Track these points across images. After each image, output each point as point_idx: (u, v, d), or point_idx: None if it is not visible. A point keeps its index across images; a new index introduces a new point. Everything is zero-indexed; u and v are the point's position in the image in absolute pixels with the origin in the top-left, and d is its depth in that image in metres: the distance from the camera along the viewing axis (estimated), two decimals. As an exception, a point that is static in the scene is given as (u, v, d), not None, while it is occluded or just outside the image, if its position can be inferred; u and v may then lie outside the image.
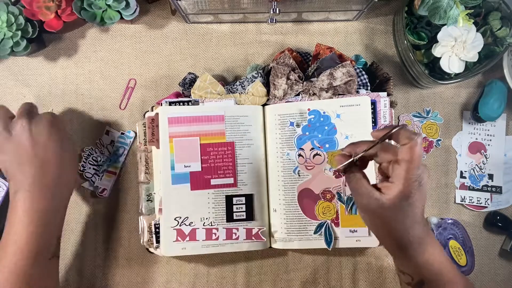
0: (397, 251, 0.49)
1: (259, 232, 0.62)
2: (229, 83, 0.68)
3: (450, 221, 0.67)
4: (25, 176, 0.54)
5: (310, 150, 0.63)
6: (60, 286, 0.67)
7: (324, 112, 0.63)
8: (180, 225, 0.61)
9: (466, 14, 0.60)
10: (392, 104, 0.64)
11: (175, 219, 0.61)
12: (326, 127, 0.63)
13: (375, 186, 0.47)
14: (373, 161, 0.50)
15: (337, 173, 0.49)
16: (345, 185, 0.62)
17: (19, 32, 0.63)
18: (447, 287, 0.48)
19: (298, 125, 0.63)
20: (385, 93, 0.63)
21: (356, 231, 0.62)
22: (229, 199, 0.63)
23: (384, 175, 0.49)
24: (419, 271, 0.48)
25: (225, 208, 0.62)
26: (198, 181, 0.62)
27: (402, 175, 0.45)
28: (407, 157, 0.44)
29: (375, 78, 0.65)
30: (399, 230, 0.47)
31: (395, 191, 0.45)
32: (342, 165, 0.48)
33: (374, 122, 0.62)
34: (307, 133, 0.63)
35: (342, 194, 0.62)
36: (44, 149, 0.56)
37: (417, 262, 0.48)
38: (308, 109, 0.63)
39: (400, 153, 0.45)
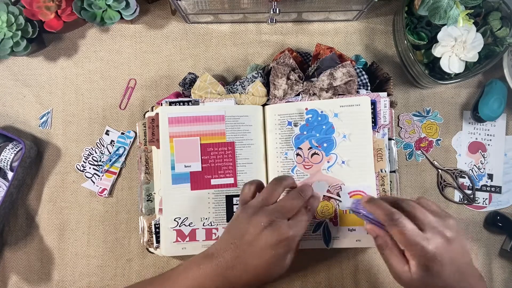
0: None
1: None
2: (229, 83, 0.68)
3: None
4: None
5: (308, 150, 0.63)
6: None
7: (322, 112, 0.63)
8: (179, 226, 0.61)
9: (466, 14, 0.60)
10: (392, 104, 0.64)
11: (174, 220, 0.61)
12: (324, 126, 0.63)
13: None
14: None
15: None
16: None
17: (19, 32, 0.63)
18: None
19: (295, 125, 0.63)
20: (385, 93, 0.63)
21: (355, 229, 0.62)
22: (229, 199, 0.63)
23: None
24: None
25: (225, 208, 0.62)
26: (198, 181, 0.62)
27: (409, 255, 0.46)
28: (403, 243, 0.46)
29: (375, 78, 0.65)
30: None
31: (412, 267, 0.46)
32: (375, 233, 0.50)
33: (374, 122, 0.62)
34: (305, 133, 0.63)
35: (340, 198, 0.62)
36: None
37: None
38: (306, 109, 0.63)
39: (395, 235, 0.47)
